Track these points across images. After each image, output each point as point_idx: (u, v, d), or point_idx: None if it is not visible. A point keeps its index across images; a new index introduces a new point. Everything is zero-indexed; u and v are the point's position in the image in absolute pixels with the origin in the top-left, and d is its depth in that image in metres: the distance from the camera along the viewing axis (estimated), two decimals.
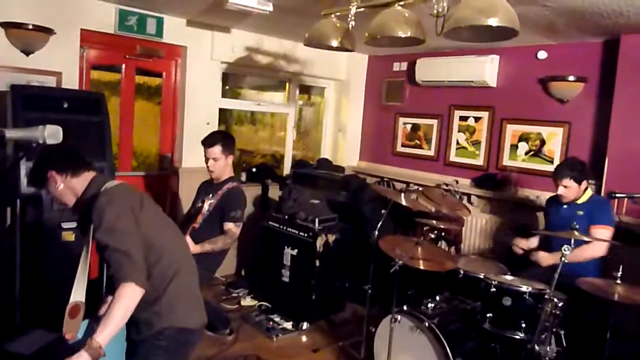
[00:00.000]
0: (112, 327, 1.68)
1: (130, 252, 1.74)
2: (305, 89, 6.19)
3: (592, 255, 3.17)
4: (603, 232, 3.15)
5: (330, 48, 3.09)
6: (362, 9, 2.83)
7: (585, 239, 2.80)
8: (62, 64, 3.91)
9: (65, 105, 3.51)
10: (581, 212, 3.27)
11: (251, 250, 4.96)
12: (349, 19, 2.88)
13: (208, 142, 3.42)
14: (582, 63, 4.15)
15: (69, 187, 1.94)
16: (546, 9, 3.25)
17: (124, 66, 4.44)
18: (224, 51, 4.85)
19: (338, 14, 3.00)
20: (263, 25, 4.61)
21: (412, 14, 2.58)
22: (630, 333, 3.14)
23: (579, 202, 3.33)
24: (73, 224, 3.47)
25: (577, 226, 2.73)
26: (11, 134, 1.75)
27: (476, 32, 2.30)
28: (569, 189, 3.28)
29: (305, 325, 3.98)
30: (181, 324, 1.95)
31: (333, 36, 2.97)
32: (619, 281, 2.55)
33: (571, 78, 4.09)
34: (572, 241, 2.62)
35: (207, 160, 3.44)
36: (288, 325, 4.00)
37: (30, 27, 3.58)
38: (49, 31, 3.70)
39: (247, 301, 4.42)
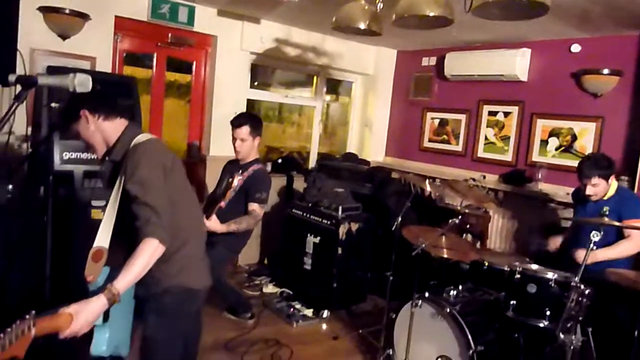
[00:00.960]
0: (131, 277, 1.70)
1: (158, 208, 1.75)
2: (333, 87, 6.21)
3: (627, 251, 3.04)
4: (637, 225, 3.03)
5: (358, 32, 3.08)
6: None
7: (616, 224, 2.69)
8: (96, 49, 4.02)
9: (98, 87, 3.59)
10: (607, 208, 3.11)
11: (274, 239, 4.99)
12: (377, 2, 2.87)
13: (237, 122, 3.47)
14: (617, 57, 4.03)
15: (99, 130, 1.91)
16: None
17: (155, 55, 4.54)
18: (253, 42, 4.90)
19: None
20: (292, 16, 4.65)
21: None
22: None
23: (605, 197, 3.20)
24: (103, 202, 3.56)
25: (607, 214, 2.64)
26: (43, 80, 1.78)
27: (506, 8, 2.26)
28: (597, 187, 3.11)
29: (325, 313, 3.97)
30: (188, 285, 2.00)
31: (361, 19, 2.96)
32: None
33: (606, 71, 3.98)
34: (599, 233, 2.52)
35: (234, 140, 3.48)
36: (309, 312, 4.00)
37: (67, 11, 3.70)
38: (84, 16, 3.81)
39: (269, 288, 4.44)
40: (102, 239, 1.79)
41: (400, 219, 3.43)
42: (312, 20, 4.71)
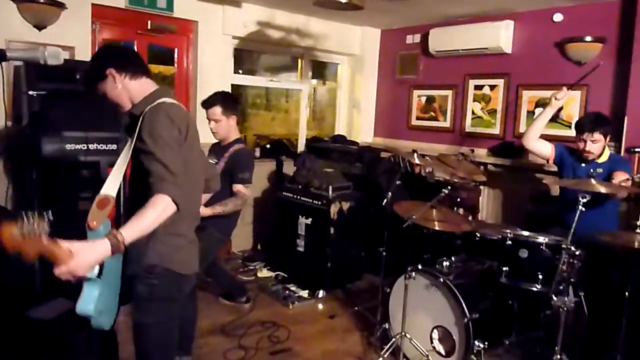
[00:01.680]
0: (139, 228, 1.64)
1: (172, 167, 1.70)
2: (319, 71, 6.17)
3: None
4: (622, 176, 3.01)
5: (340, 6, 3.07)
6: None
7: (602, 190, 2.71)
8: (74, 39, 3.95)
9: (78, 77, 3.54)
10: (600, 170, 3.16)
11: (267, 224, 4.98)
12: None
13: (207, 103, 3.38)
14: (599, 24, 4.03)
15: (126, 88, 1.88)
16: None
17: (135, 43, 4.47)
18: (236, 26, 4.84)
19: None
20: None
21: None
22: None
23: (599, 161, 3.22)
24: (89, 193, 3.52)
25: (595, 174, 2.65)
26: (12, 53, 1.75)
27: None
28: (597, 143, 3.09)
29: (321, 294, 3.98)
30: (176, 269, 1.92)
31: None
32: (639, 230, 2.47)
33: (588, 39, 3.99)
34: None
35: (209, 122, 3.42)
36: (304, 293, 4.01)
37: (42, 1, 3.63)
38: (60, 5, 3.73)
39: (264, 273, 4.44)
40: (110, 187, 1.77)
41: (390, 194, 3.43)
42: (295, 2, 4.66)
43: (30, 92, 3.12)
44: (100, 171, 3.54)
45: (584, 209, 2.45)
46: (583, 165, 3.26)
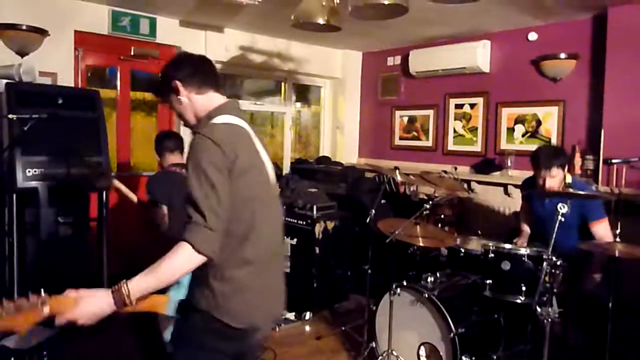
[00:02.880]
0: (149, 280, 1.43)
1: (204, 206, 1.44)
2: (303, 94, 6.24)
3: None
4: (603, 226, 2.96)
5: (318, 27, 3.11)
6: None
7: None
8: (57, 65, 3.97)
9: (60, 102, 3.54)
10: (565, 209, 2.93)
11: None
12: None
13: None
14: (572, 41, 4.15)
15: (192, 102, 1.68)
16: None
17: (118, 68, 4.50)
18: (218, 51, 4.90)
19: None
20: (255, 23, 4.67)
21: None
22: (634, 307, 3.07)
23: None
24: (70, 219, 3.49)
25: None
26: None
27: None
28: (555, 178, 2.93)
29: (308, 315, 3.94)
30: (225, 318, 1.55)
31: (319, 14, 2.98)
32: (618, 239, 2.50)
33: (563, 56, 4.10)
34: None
35: None
36: (291, 315, 3.96)
37: (24, 27, 3.64)
38: (43, 32, 3.75)
39: None
40: None
41: (374, 212, 3.44)
42: (276, 27, 4.74)
43: (10, 116, 3.10)
44: (83, 195, 3.53)
45: (563, 220, 2.46)
46: (547, 200, 3.12)
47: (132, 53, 4.44)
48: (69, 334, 3.20)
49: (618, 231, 2.54)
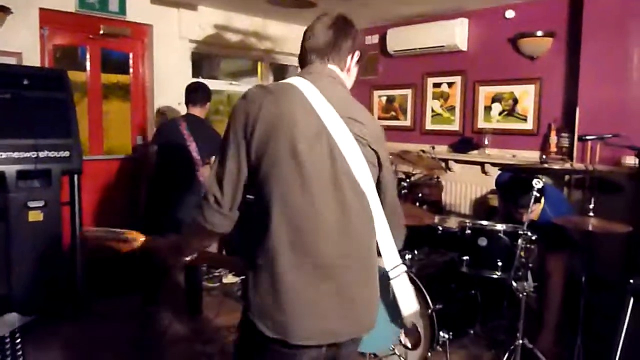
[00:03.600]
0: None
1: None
2: (281, 73, 6.14)
3: None
4: None
5: (292, 3, 3.05)
6: None
7: None
8: (21, 44, 3.81)
9: (26, 82, 3.41)
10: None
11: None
12: None
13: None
14: (549, 19, 4.15)
15: None
16: None
17: (88, 48, 4.34)
18: (192, 29, 4.77)
19: None
20: (230, 1, 4.55)
21: None
22: (608, 281, 3.12)
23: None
24: (40, 203, 3.38)
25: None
26: None
27: None
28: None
29: None
30: (260, 327, 1.34)
31: None
32: (591, 214, 2.53)
33: (539, 33, 4.10)
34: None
35: None
36: None
37: None
38: (5, 10, 3.60)
39: (229, 278, 4.36)
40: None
41: None
42: (252, 5, 4.62)
43: None
44: (51, 180, 3.42)
45: (538, 195, 2.48)
46: None
47: (101, 32, 4.28)
48: (43, 321, 3.13)
49: (592, 206, 2.57)
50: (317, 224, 1.34)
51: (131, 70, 4.65)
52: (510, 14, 4.38)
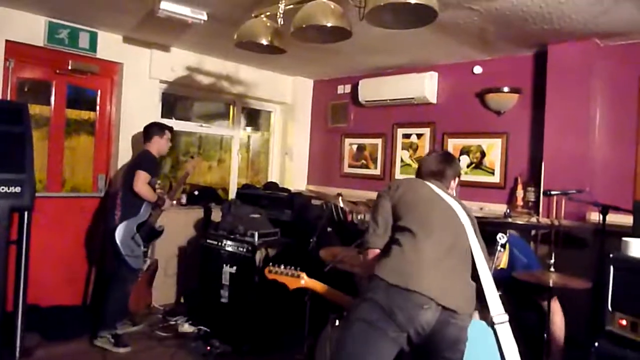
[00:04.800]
0: None
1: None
2: (253, 118, 6.14)
3: None
4: None
5: (262, 48, 3.03)
6: (290, 6, 2.80)
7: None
8: None
9: None
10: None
11: (191, 275, 4.69)
12: (277, 17, 2.84)
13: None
14: (515, 76, 4.27)
15: None
16: (474, 13, 3.33)
17: (54, 83, 4.25)
18: (163, 70, 4.75)
19: (268, 13, 2.97)
20: (203, 43, 4.56)
21: (337, 6, 2.56)
22: (574, 340, 3.05)
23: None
24: None
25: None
26: None
27: (396, 13, 2.29)
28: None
29: (246, 347, 3.72)
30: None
31: (263, 35, 2.91)
32: (552, 269, 2.48)
33: (506, 89, 4.19)
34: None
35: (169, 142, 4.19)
36: (228, 348, 3.73)
37: None
38: None
39: (185, 328, 4.11)
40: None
41: (315, 240, 3.32)
42: (225, 48, 4.64)
43: None
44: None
45: (502, 250, 2.43)
46: None
47: (69, 67, 4.21)
48: None
49: (552, 261, 2.52)
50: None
51: (98, 107, 4.56)
52: (478, 69, 4.49)
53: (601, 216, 3.13)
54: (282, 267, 2.68)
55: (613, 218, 3.21)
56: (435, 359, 1.91)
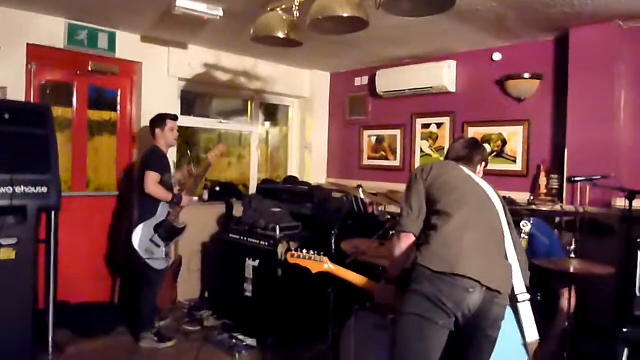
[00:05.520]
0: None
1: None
2: (271, 113, 6.15)
3: None
4: None
5: (278, 42, 3.04)
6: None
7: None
8: (6, 79, 3.78)
9: (7, 117, 3.35)
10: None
11: (215, 270, 4.75)
12: (293, 10, 2.84)
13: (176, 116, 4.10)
14: (536, 61, 4.19)
15: None
16: (493, 0, 3.27)
17: (75, 84, 4.33)
18: (181, 68, 4.79)
19: (284, 6, 2.97)
20: (221, 40, 4.59)
21: None
22: (600, 327, 3.00)
23: None
24: (13, 240, 3.26)
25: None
26: None
27: (414, 2, 2.26)
28: None
29: (270, 341, 3.75)
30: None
31: (279, 28, 2.91)
32: (573, 255, 2.44)
33: (527, 75, 4.12)
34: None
35: (174, 131, 3.99)
36: (252, 341, 3.77)
37: None
38: None
39: (210, 322, 4.18)
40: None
41: (336, 231, 3.32)
42: (242, 44, 4.65)
43: None
44: (27, 216, 3.31)
45: (525, 237, 2.40)
46: None
47: (89, 68, 4.28)
48: None
49: (573, 247, 2.48)
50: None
51: (119, 107, 4.63)
52: (497, 56, 4.42)
53: (627, 202, 3.06)
54: (305, 251, 2.68)
55: None
56: (476, 335, 1.95)
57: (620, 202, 3.42)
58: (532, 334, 2.00)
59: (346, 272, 2.61)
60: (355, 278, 2.58)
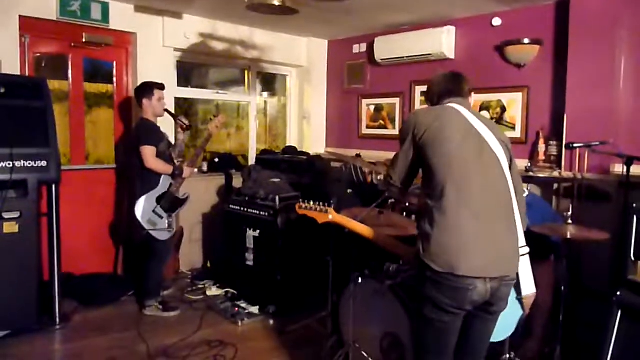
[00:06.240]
0: None
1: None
2: (269, 83, 6.10)
3: None
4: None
5: (274, 9, 2.99)
6: None
7: None
8: (0, 52, 3.74)
9: (2, 90, 3.33)
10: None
11: (216, 240, 4.81)
12: None
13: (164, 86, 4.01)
14: (536, 27, 4.12)
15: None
16: None
17: (70, 56, 4.28)
18: (177, 38, 4.72)
19: None
20: (216, 8, 4.51)
21: None
22: (594, 290, 3.06)
23: None
24: (16, 214, 3.29)
25: None
26: None
27: None
28: None
29: (272, 309, 3.83)
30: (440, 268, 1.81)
31: None
32: (570, 221, 2.47)
33: (526, 41, 4.06)
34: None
35: (163, 100, 3.93)
36: (255, 309, 3.86)
37: None
38: None
39: (213, 291, 4.26)
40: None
41: (336, 201, 3.34)
42: (238, 13, 4.58)
43: None
44: (28, 190, 3.33)
45: None
46: None
47: (83, 40, 4.22)
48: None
49: (570, 213, 2.51)
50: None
51: (115, 79, 4.58)
52: (497, 21, 4.35)
53: (625, 168, 3.08)
54: (312, 202, 2.77)
55: (638, 170, 3.15)
56: (481, 310, 1.90)
57: (619, 168, 3.43)
58: (529, 287, 1.96)
59: (350, 222, 2.67)
60: (358, 227, 2.64)
